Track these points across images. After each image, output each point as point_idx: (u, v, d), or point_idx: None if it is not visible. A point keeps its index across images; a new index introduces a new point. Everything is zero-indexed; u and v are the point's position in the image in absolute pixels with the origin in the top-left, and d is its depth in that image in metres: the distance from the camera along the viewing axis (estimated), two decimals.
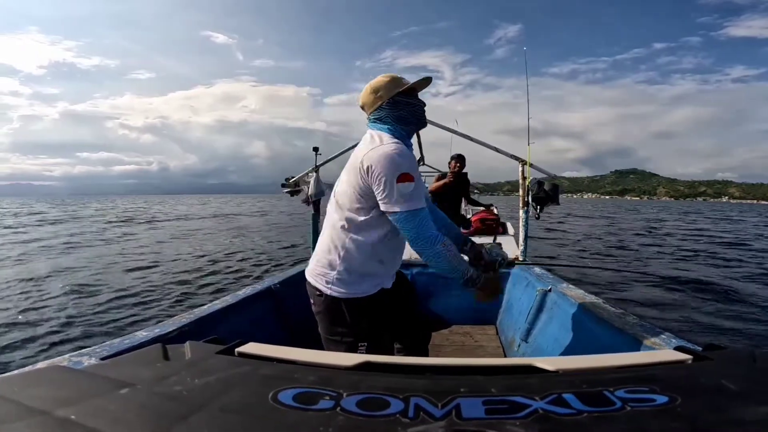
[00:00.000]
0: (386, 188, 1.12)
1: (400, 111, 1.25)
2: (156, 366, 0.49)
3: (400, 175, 1.11)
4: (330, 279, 1.23)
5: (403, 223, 1.14)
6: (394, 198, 1.12)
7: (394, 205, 1.12)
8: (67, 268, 7.46)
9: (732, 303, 5.40)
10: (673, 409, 0.36)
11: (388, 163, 1.12)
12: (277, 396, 0.40)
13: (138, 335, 1.30)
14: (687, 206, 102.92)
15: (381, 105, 1.25)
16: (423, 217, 1.15)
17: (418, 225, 1.14)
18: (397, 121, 1.25)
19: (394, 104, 1.24)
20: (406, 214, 1.13)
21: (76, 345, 3.65)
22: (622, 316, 1.53)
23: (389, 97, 1.24)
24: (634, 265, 8.56)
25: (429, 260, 1.18)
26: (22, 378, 0.47)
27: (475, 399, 0.39)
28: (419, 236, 1.14)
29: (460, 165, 4.14)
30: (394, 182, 1.11)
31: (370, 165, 1.13)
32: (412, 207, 1.12)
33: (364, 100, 1.30)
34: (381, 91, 1.25)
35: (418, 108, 1.29)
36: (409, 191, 1.12)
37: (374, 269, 1.25)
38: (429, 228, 1.15)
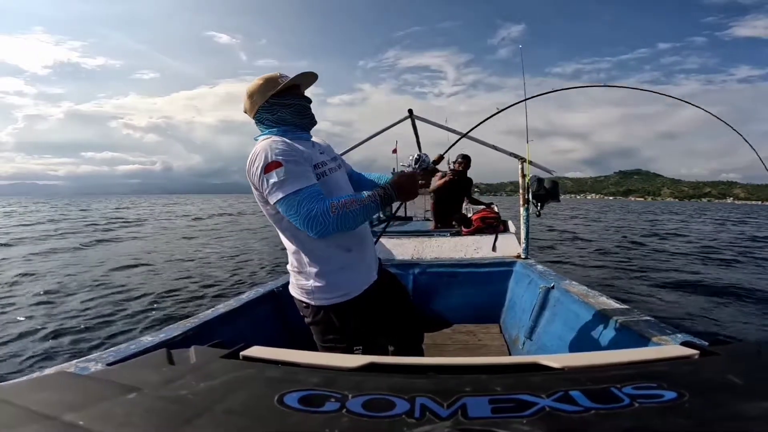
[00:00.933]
0: (261, 184, 1.09)
1: (277, 113, 1.21)
2: (161, 370, 0.49)
3: (266, 166, 1.07)
4: (310, 288, 1.22)
5: (286, 211, 1.08)
6: (267, 191, 1.08)
7: (270, 196, 1.09)
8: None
9: (738, 298, 5.39)
10: (681, 404, 0.36)
11: (254, 161, 1.10)
12: (282, 399, 0.40)
13: (143, 340, 1.31)
14: (693, 207, 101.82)
15: (258, 109, 1.22)
16: (303, 197, 1.06)
17: (298, 207, 1.05)
18: (277, 123, 1.22)
19: (270, 107, 1.21)
20: (284, 201, 1.06)
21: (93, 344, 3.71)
22: (626, 312, 1.52)
23: (264, 100, 1.20)
24: (639, 262, 8.53)
25: (339, 230, 1.08)
26: (30, 384, 0.47)
27: (481, 398, 0.39)
28: (306, 218, 1.04)
29: (465, 165, 4.13)
30: (263, 176, 1.08)
31: (247, 171, 1.12)
32: (287, 191, 1.06)
33: (244, 106, 1.26)
34: (255, 96, 1.22)
35: (297, 107, 1.23)
36: (279, 178, 1.06)
37: (346, 261, 1.22)
38: (313, 203, 1.05)
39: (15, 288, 6.08)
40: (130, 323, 4.43)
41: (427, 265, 2.89)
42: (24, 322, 4.46)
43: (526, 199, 2.79)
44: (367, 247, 1.33)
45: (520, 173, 2.85)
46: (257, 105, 1.22)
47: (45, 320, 4.52)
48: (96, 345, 3.79)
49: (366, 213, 1.11)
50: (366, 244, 1.32)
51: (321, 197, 1.08)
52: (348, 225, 1.09)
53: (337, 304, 1.21)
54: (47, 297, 5.50)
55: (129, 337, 3.50)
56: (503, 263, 2.84)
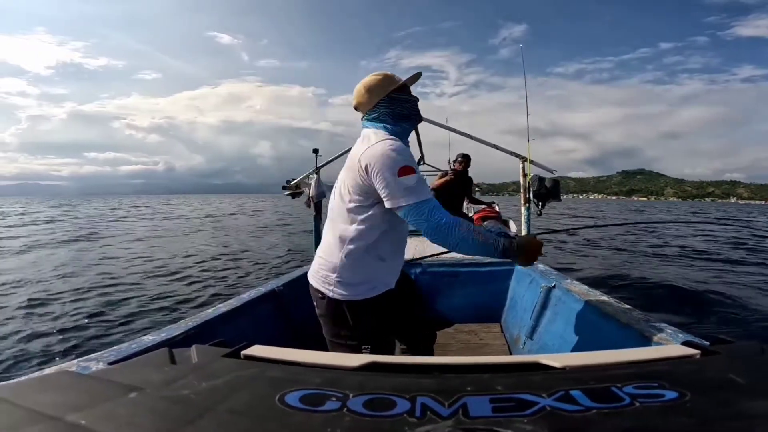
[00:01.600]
0: (389, 184, 1.10)
1: (396, 108, 1.24)
2: (163, 370, 0.49)
3: (400, 169, 1.09)
4: (332, 281, 1.22)
5: (413, 216, 1.11)
6: (398, 192, 1.10)
7: (399, 199, 1.10)
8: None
9: (740, 298, 5.37)
10: (682, 404, 0.36)
11: (387, 159, 1.10)
12: (284, 398, 0.40)
13: (145, 339, 1.31)
14: (696, 206, 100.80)
15: (377, 103, 1.24)
16: (432, 207, 1.11)
17: (429, 215, 1.10)
18: (394, 118, 1.24)
19: (390, 101, 1.24)
20: (414, 206, 1.10)
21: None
22: (627, 311, 1.52)
23: (385, 94, 1.23)
24: (640, 261, 8.52)
25: (454, 248, 1.13)
26: (32, 384, 0.47)
27: (482, 397, 0.39)
28: (433, 226, 1.10)
29: (465, 164, 4.14)
30: (395, 177, 1.09)
31: (369, 163, 1.12)
32: (418, 198, 1.10)
33: (359, 100, 1.28)
34: (376, 90, 1.24)
35: (413, 103, 1.28)
36: (413, 183, 1.10)
37: (376, 268, 1.23)
38: (441, 215, 1.11)
39: (14, 287, 6.11)
40: (131, 322, 4.44)
41: (428, 264, 2.89)
42: (23, 322, 4.47)
43: (527, 199, 2.78)
44: (401, 259, 1.35)
45: (521, 172, 2.85)
46: (377, 98, 1.24)
47: (44, 319, 4.53)
48: (97, 344, 3.80)
49: (482, 250, 1.14)
50: (400, 259, 1.34)
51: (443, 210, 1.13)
52: (461, 249, 1.12)
53: (354, 300, 1.21)
54: (44, 297, 5.52)
55: (130, 336, 3.51)
56: (504, 262, 2.83)
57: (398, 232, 1.25)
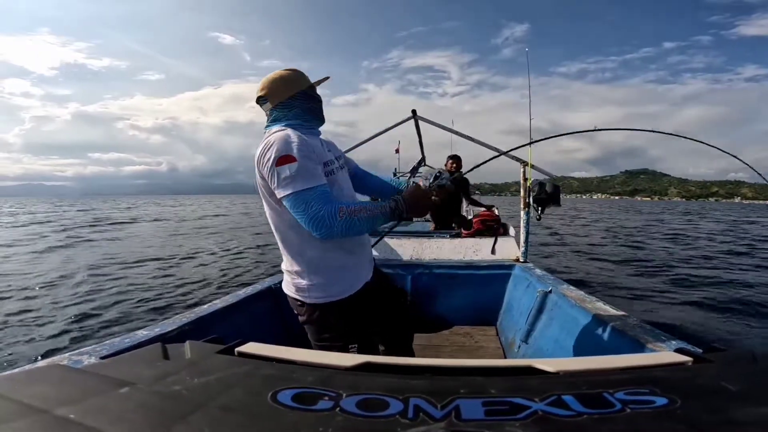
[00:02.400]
0: (270, 175, 1.07)
1: (295, 109, 1.21)
2: (156, 365, 0.49)
3: (278, 159, 1.05)
4: (304, 287, 1.20)
5: (293, 209, 1.06)
6: (276, 184, 1.06)
7: (278, 189, 1.07)
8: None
9: (736, 304, 5.39)
10: (672, 410, 0.36)
11: (267, 152, 1.08)
12: (276, 396, 0.40)
13: (138, 334, 1.31)
14: (701, 206, 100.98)
15: (293, 95, 1.21)
16: (313, 196, 1.04)
17: (307, 206, 1.04)
18: (305, 114, 1.23)
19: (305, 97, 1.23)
20: (292, 198, 1.05)
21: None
22: (622, 317, 1.52)
23: (288, 96, 1.21)
24: (638, 266, 8.54)
25: (345, 235, 1.09)
26: (22, 377, 0.47)
27: (475, 400, 0.39)
28: (313, 218, 1.04)
29: (456, 165, 4.15)
30: (274, 166, 1.06)
31: (257, 161, 1.11)
32: (297, 188, 1.04)
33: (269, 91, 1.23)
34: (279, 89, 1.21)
35: (313, 106, 1.26)
36: (291, 173, 1.04)
37: (343, 261, 1.21)
38: (322, 204, 1.04)
39: (13, 282, 6.08)
40: (125, 317, 4.42)
41: (426, 266, 2.89)
42: (17, 314, 4.45)
43: (526, 203, 2.79)
44: (365, 248, 1.33)
45: (522, 177, 2.86)
46: (292, 92, 1.22)
47: (38, 313, 4.51)
48: (90, 338, 3.78)
49: (373, 223, 1.11)
50: (365, 245, 1.32)
51: (330, 198, 1.07)
52: (353, 232, 1.09)
53: (331, 302, 1.20)
54: (41, 290, 5.49)
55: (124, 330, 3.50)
56: (502, 266, 2.84)
57: None
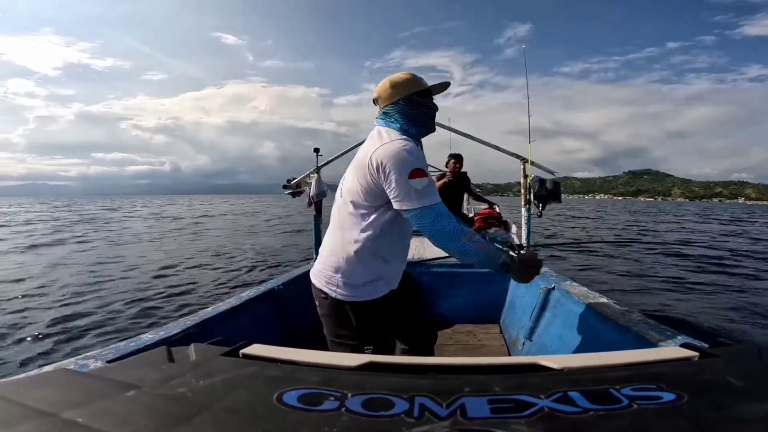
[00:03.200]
0: (399, 185, 1.09)
1: (414, 110, 1.23)
2: (161, 368, 0.49)
3: (412, 171, 1.08)
4: (335, 281, 1.21)
5: (420, 220, 1.11)
6: (407, 195, 1.09)
7: (408, 201, 1.09)
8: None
9: (741, 300, 5.37)
10: (680, 406, 0.36)
11: (399, 159, 1.09)
12: (281, 397, 0.40)
13: (143, 338, 1.31)
14: (705, 207, 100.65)
15: (397, 101, 1.22)
16: (440, 212, 1.10)
17: (435, 220, 1.09)
18: (409, 120, 1.23)
19: (410, 102, 1.22)
20: (422, 210, 1.09)
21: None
22: (626, 313, 1.52)
23: (407, 94, 1.22)
24: (639, 262, 8.51)
25: (455, 255, 1.14)
26: (30, 381, 0.47)
27: (480, 398, 0.39)
28: (439, 231, 1.10)
29: (458, 164, 4.15)
30: (406, 178, 1.08)
31: (381, 161, 1.10)
32: (427, 203, 1.09)
33: (380, 93, 1.27)
34: (400, 87, 1.23)
35: (431, 111, 1.27)
36: (423, 186, 1.09)
37: (379, 269, 1.23)
38: (448, 221, 1.10)
39: (17, 284, 6.10)
40: (131, 321, 4.43)
41: (428, 264, 2.89)
42: (24, 319, 4.47)
43: (527, 200, 2.78)
44: (404, 260, 1.34)
45: (522, 174, 2.85)
46: (399, 96, 1.22)
47: (44, 317, 4.53)
48: (96, 342, 3.79)
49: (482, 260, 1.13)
50: (403, 260, 1.33)
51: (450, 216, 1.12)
52: (464, 256, 1.12)
53: (357, 301, 1.21)
54: (45, 293, 5.50)
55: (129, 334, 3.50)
56: None
57: (403, 233, 1.25)
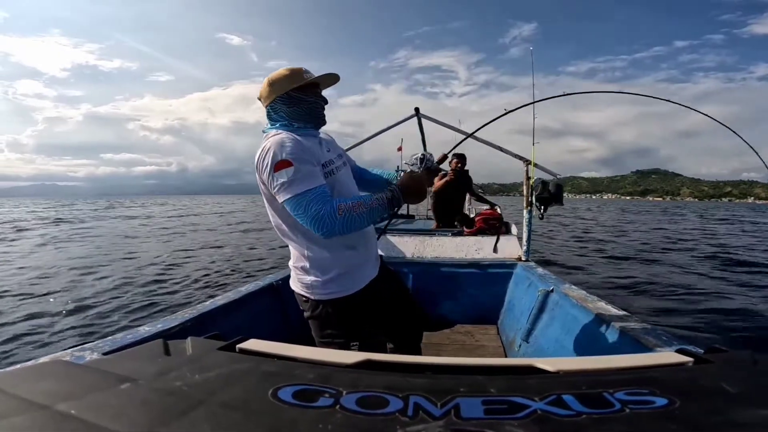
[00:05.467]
0: (270, 182, 1.10)
1: (293, 107, 1.20)
2: (157, 361, 0.49)
3: (275, 165, 1.07)
4: (309, 283, 1.22)
5: (294, 211, 1.09)
6: (277, 189, 1.08)
7: (279, 195, 1.09)
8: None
9: (737, 306, 5.36)
10: (672, 411, 0.36)
11: (264, 158, 1.10)
12: (276, 393, 0.40)
13: (140, 330, 1.32)
14: (714, 207, 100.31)
15: (275, 99, 1.20)
16: (312, 198, 1.06)
17: (306, 208, 1.06)
18: (291, 117, 1.21)
19: (288, 99, 1.20)
20: (292, 201, 1.07)
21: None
22: (624, 317, 1.52)
23: (284, 91, 1.19)
24: (640, 267, 8.50)
25: (348, 232, 1.10)
26: (25, 372, 0.47)
27: (475, 399, 0.39)
28: (313, 219, 1.06)
29: (460, 163, 4.16)
30: (272, 173, 1.08)
31: (256, 166, 1.12)
32: (296, 191, 1.07)
33: (261, 93, 1.24)
34: (276, 85, 1.20)
35: (314, 105, 1.24)
36: (288, 177, 1.06)
37: (349, 258, 1.22)
38: (321, 205, 1.06)
39: (15, 277, 6.11)
40: (128, 313, 4.44)
41: (428, 264, 2.89)
42: (21, 309, 4.48)
43: (529, 202, 2.78)
44: (371, 244, 1.33)
45: (525, 176, 2.85)
46: (276, 94, 1.20)
47: (42, 308, 4.54)
48: (93, 333, 3.80)
49: (372, 215, 1.12)
50: (370, 241, 1.32)
51: (328, 198, 1.09)
52: (354, 227, 1.10)
53: (336, 299, 1.21)
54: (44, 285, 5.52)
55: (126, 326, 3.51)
56: (504, 265, 2.84)
57: None
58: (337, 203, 1.08)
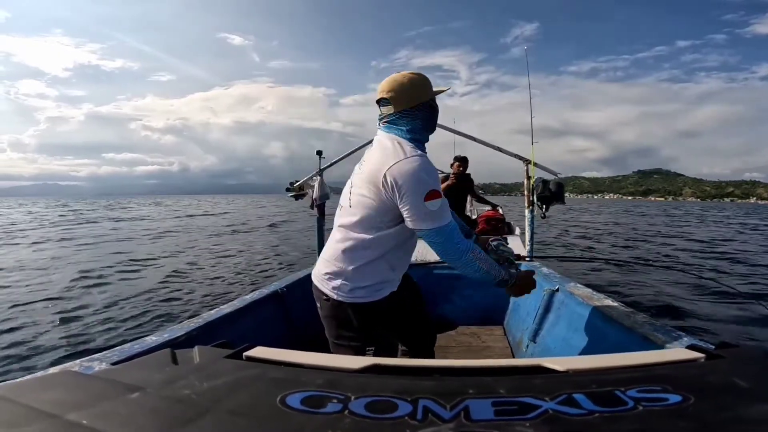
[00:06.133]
0: (414, 206, 1.09)
1: (434, 115, 1.20)
2: (165, 370, 0.49)
3: (427, 193, 1.08)
4: (337, 284, 1.20)
5: (432, 239, 1.12)
6: (422, 216, 1.09)
7: (422, 223, 1.10)
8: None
9: (747, 302, 5.31)
10: (686, 408, 0.36)
11: (416, 181, 1.08)
12: (285, 399, 0.40)
13: (147, 340, 1.32)
14: (716, 207, 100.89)
15: (418, 105, 1.17)
16: (450, 231, 1.12)
17: (446, 239, 1.11)
18: (425, 127, 1.20)
19: (431, 108, 1.19)
20: (436, 230, 1.10)
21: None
22: (631, 314, 1.51)
23: (429, 98, 1.18)
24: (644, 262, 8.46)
25: (461, 270, 1.16)
26: (34, 383, 0.47)
27: (484, 400, 0.38)
28: (448, 250, 1.12)
29: (462, 167, 4.16)
30: (422, 200, 1.08)
31: (396, 181, 1.08)
32: (440, 223, 1.10)
33: (395, 94, 1.17)
34: (422, 89, 1.17)
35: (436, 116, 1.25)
36: (437, 208, 1.09)
37: (385, 275, 1.22)
38: (457, 241, 1.12)
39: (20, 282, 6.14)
40: (136, 323, 4.45)
41: (432, 266, 2.88)
42: (27, 320, 4.50)
43: (530, 201, 2.78)
44: (407, 266, 1.34)
45: (525, 175, 2.85)
46: (423, 99, 1.17)
47: (48, 318, 4.55)
48: (101, 344, 3.81)
49: (483, 274, 1.16)
50: (407, 264, 1.34)
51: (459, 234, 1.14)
52: (468, 270, 1.14)
53: (359, 303, 1.20)
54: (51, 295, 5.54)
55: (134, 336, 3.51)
56: None
57: (411, 242, 1.26)
58: (471, 245, 1.14)
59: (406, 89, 1.16)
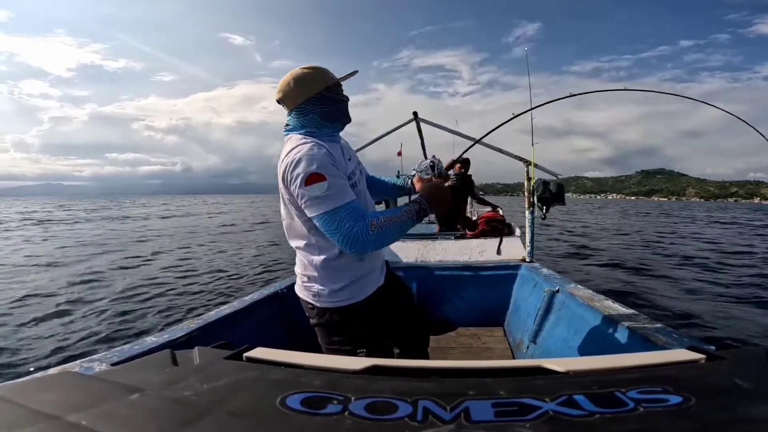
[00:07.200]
0: (300, 195, 1.05)
1: (328, 107, 1.17)
2: (165, 371, 0.49)
3: (307, 178, 1.03)
4: (316, 291, 1.20)
5: (325, 227, 1.05)
6: (308, 203, 1.05)
7: (309, 209, 1.05)
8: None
9: (746, 304, 5.31)
10: (687, 409, 0.35)
11: (294, 168, 1.05)
12: (285, 401, 0.40)
13: (147, 341, 1.32)
14: (721, 207, 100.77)
15: (307, 100, 1.15)
16: (345, 214, 1.03)
17: (340, 224, 1.02)
18: (324, 118, 1.17)
19: (322, 100, 1.16)
20: (323, 217, 1.04)
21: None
22: (632, 315, 1.51)
23: (317, 91, 1.15)
24: (646, 264, 8.45)
25: (377, 248, 1.10)
26: (34, 384, 0.47)
27: (484, 401, 0.38)
28: (347, 236, 1.02)
29: (463, 168, 4.17)
30: (303, 186, 1.03)
31: (284, 176, 1.08)
32: (329, 207, 1.03)
33: (285, 93, 1.17)
34: (308, 84, 1.15)
35: (344, 104, 1.22)
36: (321, 192, 1.02)
37: (357, 269, 1.20)
38: (354, 221, 1.02)
39: (19, 283, 6.15)
40: (136, 322, 4.45)
41: (432, 268, 2.88)
42: (28, 320, 4.50)
43: (531, 203, 2.78)
44: (378, 254, 1.31)
45: (526, 176, 2.85)
46: (308, 95, 1.15)
47: (50, 319, 4.55)
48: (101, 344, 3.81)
49: (403, 229, 1.10)
50: (378, 252, 1.30)
51: (360, 214, 1.05)
52: (386, 243, 1.08)
53: (342, 306, 1.20)
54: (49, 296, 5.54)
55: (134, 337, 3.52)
56: (508, 266, 2.83)
57: None
58: (370, 219, 1.04)
59: (291, 88, 1.16)
